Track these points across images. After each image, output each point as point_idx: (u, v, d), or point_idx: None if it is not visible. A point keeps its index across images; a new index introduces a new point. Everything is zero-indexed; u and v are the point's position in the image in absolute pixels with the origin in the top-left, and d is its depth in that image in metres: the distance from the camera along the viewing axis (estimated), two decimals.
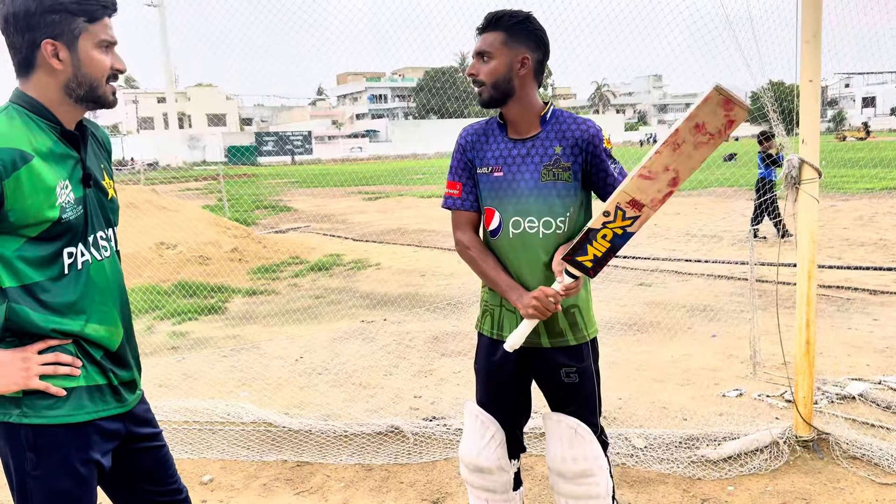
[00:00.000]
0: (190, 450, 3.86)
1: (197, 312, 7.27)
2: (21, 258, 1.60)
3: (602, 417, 2.45)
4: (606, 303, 6.86)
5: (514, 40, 2.18)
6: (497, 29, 2.19)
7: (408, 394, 4.63)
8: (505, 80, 2.19)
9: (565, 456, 2.28)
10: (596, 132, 2.23)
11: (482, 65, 2.21)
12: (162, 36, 46.93)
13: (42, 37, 1.59)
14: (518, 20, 2.18)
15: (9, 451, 1.67)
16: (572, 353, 2.29)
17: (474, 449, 2.42)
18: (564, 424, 2.28)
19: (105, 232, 1.79)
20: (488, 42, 2.19)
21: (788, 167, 3.40)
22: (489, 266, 2.28)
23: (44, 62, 1.62)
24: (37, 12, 1.58)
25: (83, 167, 1.71)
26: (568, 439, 2.28)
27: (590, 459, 2.27)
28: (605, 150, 2.24)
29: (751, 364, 4.73)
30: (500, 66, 2.18)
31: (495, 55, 2.18)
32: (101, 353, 1.74)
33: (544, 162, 2.20)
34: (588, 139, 2.21)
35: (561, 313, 2.26)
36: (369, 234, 13.50)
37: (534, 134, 2.24)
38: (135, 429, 1.86)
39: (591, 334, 2.32)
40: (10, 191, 1.54)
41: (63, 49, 1.61)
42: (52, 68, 1.62)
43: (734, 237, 10.76)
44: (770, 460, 3.40)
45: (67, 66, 1.63)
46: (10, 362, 1.61)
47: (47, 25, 1.59)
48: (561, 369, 2.27)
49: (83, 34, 1.63)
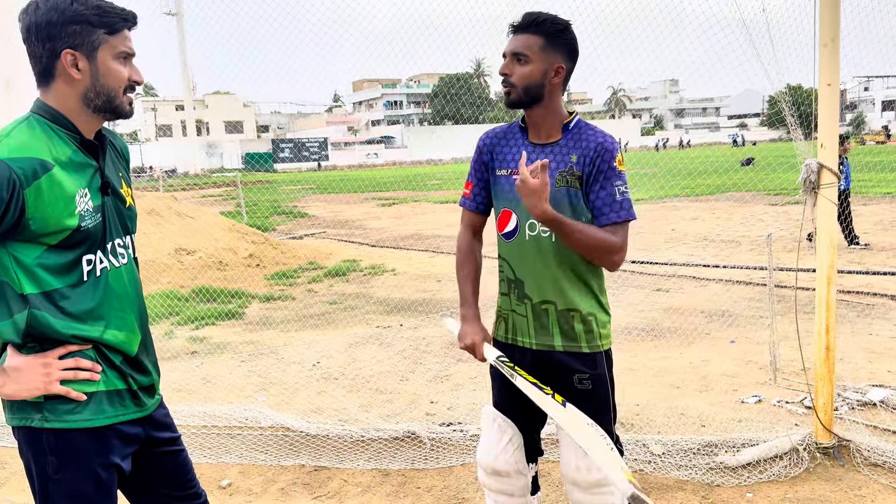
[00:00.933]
0: (209, 454, 3.90)
1: (215, 317, 7.33)
2: (41, 266, 1.63)
3: (619, 424, 2.44)
4: (623, 308, 6.83)
5: (551, 47, 2.17)
6: (537, 33, 2.16)
7: (424, 399, 4.64)
8: (537, 86, 2.18)
9: (580, 465, 2.27)
10: (611, 148, 2.19)
11: (517, 66, 2.18)
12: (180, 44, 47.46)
13: (62, 47, 1.62)
14: (559, 28, 2.17)
15: (31, 455, 1.70)
16: (585, 359, 2.28)
17: (492, 452, 2.42)
18: None
19: (123, 239, 1.81)
20: (526, 45, 2.17)
21: (807, 171, 3.38)
22: (462, 273, 2.40)
23: (63, 72, 1.65)
24: (58, 23, 1.61)
25: (102, 176, 1.74)
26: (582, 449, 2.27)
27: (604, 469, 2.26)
28: (612, 168, 2.18)
29: (770, 370, 4.69)
30: (535, 72, 2.17)
31: (532, 59, 2.16)
32: (120, 359, 1.77)
33: (560, 168, 2.20)
34: (601, 152, 2.18)
35: (578, 318, 2.25)
36: (385, 239, 13.54)
37: (554, 140, 2.24)
38: (154, 433, 1.88)
39: (604, 345, 2.31)
40: (31, 199, 1.57)
41: (82, 59, 1.64)
42: (72, 78, 1.65)
43: (752, 242, 10.67)
44: (790, 467, 3.37)
45: (86, 76, 1.66)
46: (31, 367, 1.63)
47: (68, 36, 1.62)
48: (574, 375, 2.27)
49: (103, 45, 1.65)
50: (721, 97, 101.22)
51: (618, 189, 2.18)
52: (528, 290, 2.28)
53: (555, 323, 2.26)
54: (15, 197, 1.54)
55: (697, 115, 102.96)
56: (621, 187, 2.18)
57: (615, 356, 2.44)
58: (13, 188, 1.53)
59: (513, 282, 2.32)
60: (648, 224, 13.73)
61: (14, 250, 1.61)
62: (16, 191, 1.54)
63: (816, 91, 3.34)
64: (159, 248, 9.28)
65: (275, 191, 26.42)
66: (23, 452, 1.73)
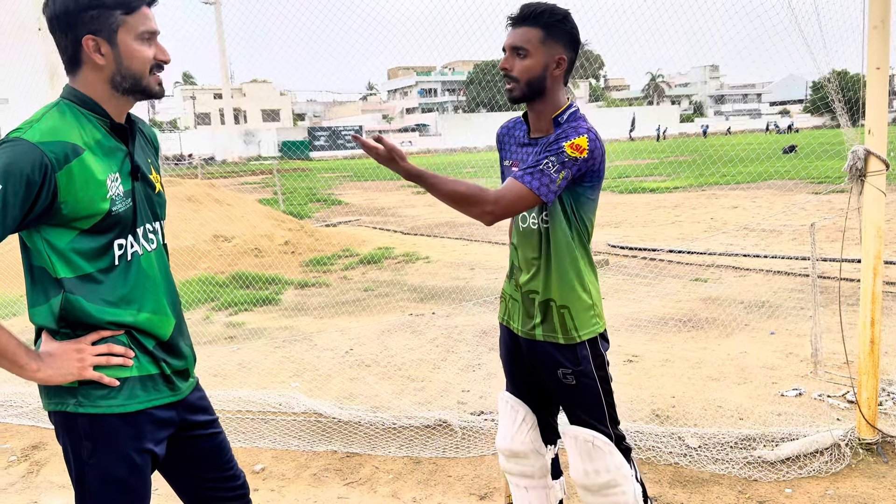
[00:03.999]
0: (243, 439, 3.95)
1: (252, 303, 7.43)
2: (74, 250, 1.64)
3: (654, 416, 2.39)
4: (660, 298, 6.73)
5: (551, 39, 2.12)
6: (535, 25, 2.11)
7: (455, 388, 4.63)
8: (539, 80, 2.14)
9: (587, 469, 2.25)
10: (571, 131, 2.07)
11: (518, 60, 2.14)
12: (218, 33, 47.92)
13: (83, 33, 1.63)
14: (557, 18, 2.12)
15: (68, 439, 1.73)
16: (565, 352, 2.23)
17: (508, 434, 2.45)
18: (581, 439, 2.26)
19: (152, 224, 1.82)
20: (525, 38, 2.12)
21: (853, 159, 3.26)
22: None
23: (88, 58, 1.65)
24: (75, 10, 1.61)
25: (132, 160, 1.75)
26: (587, 453, 2.25)
27: (612, 470, 2.23)
28: (558, 146, 2.04)
29: (811, 362, 4.57)
30: (537, 66, 2.12)
31: (532, 53, 2.12)
32: (153, 343, 1.78)
33: None
34: (559, 134, 2.09)
35: (555, 308, 2.23)
36: (419, 227, 13.55)
37: (547, 135, 2.20)
38: (189, 416, 1.89)
39: (583, 336, 2.22)
40: (63, 183, 1.58)
41: (104, 44, 1.64)
42: (96, 63, 1.65)
43: (794, 231, 10.41)
44: (831, 463, 3.28)
45: (110, 61, 1.66)
46: (65, 353, 1.65)
47: (86, 22, 1.62)
48: (558, 369, 2.25)
49: (122, 27, 1.65)
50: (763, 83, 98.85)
51: (548, 160, 2.03)
52: (521, 278, 2.30)
53: (538, 312, 2.26)
54: (47, 180, 1.55)
55: (738, 101, 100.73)
56: (552, 162, 2.02)
57: (648, 347, 2.41)
58: (45, 172, 1.55)
59: (515, 267, 2.36)
60: (687, 213, 13.50)
61: (47, 235, 1.63)
62: (48, 174, 1.55)
63: (864, 76, 3.22)
64: (198, 234, 9.43)
65: (311, 178, 26.63)
66: (59, 436, 1.76)
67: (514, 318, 2.36)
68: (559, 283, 2.22)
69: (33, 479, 3.68)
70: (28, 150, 1.54)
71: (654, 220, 12.73)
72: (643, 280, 7.65)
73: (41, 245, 1.63)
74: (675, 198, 16.11)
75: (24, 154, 1.53)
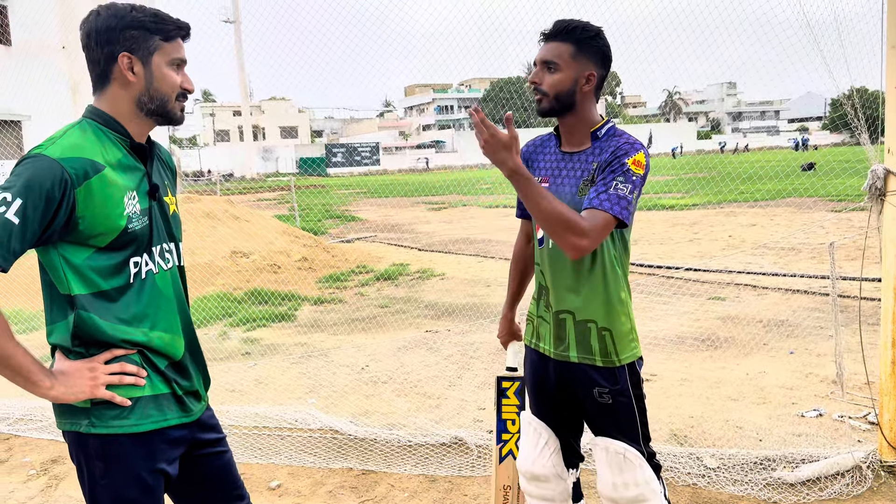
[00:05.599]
0: (259, 455, 3.96)
1: (268, 319, 7.46)
2: (91, 267, 1.66)
3: (672, 436, 2.38)
4: (678, 317, 6.68)
5: (582, 54, 2.14)
6: (567, 40, 2.14)
7: (472, 405, 4.62)
8: (568, 94, 2.15)
9: (616, 482, 2.22)
10: (629, 148, 2.09)
11: (547, 75, 2.16)
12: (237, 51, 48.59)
13: (120, 50, 1.68)
14: (590, 35, 2.14)
15: (81, 458, 1.73)
16: (603, 373, 2.21)
17: (529, 457, 2.41)
18: (612, 450, 2.23)
19: (168, 244, 1.84)
20: (556, 53, 2.15)
21: (873, 178, 3.24)
22: (510, 276, 2.54)
23: (119, 75, 1.70)
24: (117, 27, 1.67)
25: (149, 180, 1.78)
26: (617, 465, 2.22)
27: (641, 485, 2.20)
28: (620, 162, 2.06)
29: (835, 383, 4.51)
30: (566, 80, 2.14)
31: (562, 67, 2.14)
32: (165, 363, 1.79)
33: (583, 177, 2.17)
34: (616, 151, 2.09)
35: (594, 331, 2.20)
36: (435, 244, 13.58)
37: (583, 149, 2.21)
38: (200, 435, 1.90)
39: (624, 360, 2.21)
40: (82, 199, 1.60)
41: (138, 63, 1.69)
42: (127, 81, 1.70)
43: (813, 250, 10.32)
44: (852, 485, 3.23)
45: (140, 80, 1.71)
46: (77, 371, 1.66)
47: (126, 40, 1.68)
48: (594, 388, 2.22)
49: (158, 51, 1.71)
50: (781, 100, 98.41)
51: (616, 182, 2.04)
52: (552, 299, 2.26)
53: (571, 333, 2.22)
54: (66, 196, 1.58)
55: (756, 118, 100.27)
56: (621, 183, 2.04)
57: (665, 367, 2.39)
58: (65, 187, 1.57)
59: (543, 288, 2.32)
60: (705, 230, 13.42)
61: (64, 251, 1.65)
62: (67, 190, 1.58)
63: (883, 94, 3.20)
64: (215, 250, 9.51)
65: (327, 195, 26.80)
66: (73, 455, 1.77)
67: (544, 340, 2.32)
68: (604, 305, 2.20)
69: (52, 493, 3.71)
70: (49, 166, 1.57)
71: (671, 238, 12.66)
72: (660, 298, 7.61)
73: (58, 261, 1.65)
74: (693, 215, 16.03)
75: (45, 170, 1.56)
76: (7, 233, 1.51)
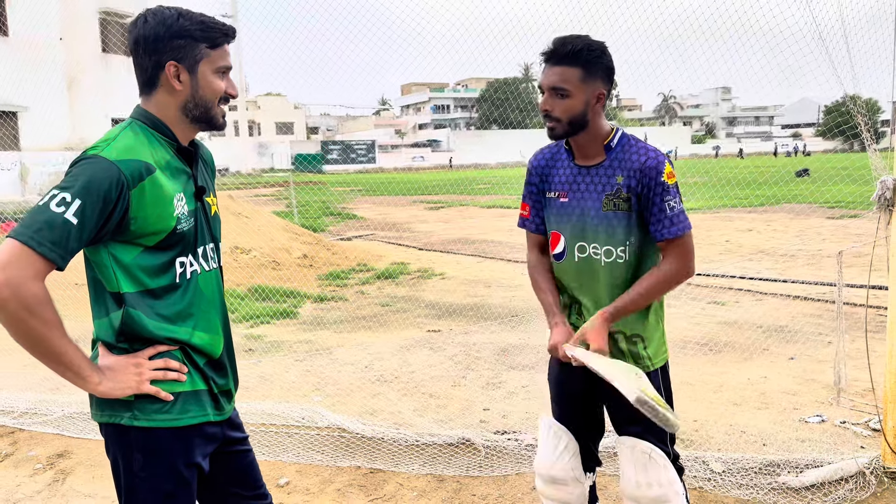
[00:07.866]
0: (267, 452, 3.98)
1: (271, 316, 7.47)
2: (139, 266, 1.70)
3: (678, 440, 2.41)
4: (680, 320, 6.73)
5: (591, 76, 2.14)
6: (574, 64, 2.11)
7: (477, 406, 4.65)
8: (581, 116, 2.16)
9: (640, 481, 2.25)
10: (657, 164, 2.15)
11: (558, 101, 2.14)
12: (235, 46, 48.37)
13: (167, 59, 1.70)
14: (596, 55, 2.13)
15: (119, 451, 1.76)
16: None
17: (548, 460, 2.44)
18: (639, 449, 2.26)
19: (210, 245, 1.88)
20: (565, 78, 2.12)
21: (882, 188, 3.29)
22: (539, 287, 2.40)
23: (166, 82, 1.73)
24: (164, 37, 1.69)
25: (195, 182, 1.81)
26: (642, 464, 2.25)
27: (664, 485, 2.23)
28: (663, 185, 2.14)
29: (834, 389, 4.57)
30: (578, 105, 2.14)
31: (573, 93, 2.12)
32: (203, 361, 1.83)
33: (606, 191, 2.20)
34: (647, 171, 2.14)
35: (625, 338, 2.26)
36: (433, 243, 13.60)
37: (599, 161, 2.23)
38: (230, 432, 1.94)
39: (655, 364, 2.28)
40: (135, 200, 1.64)
41: (184, 72, 1.72)
42: (173, 88, 1.73)
43: (810, 256, 10.39)
44: (856, 491, 3.28)
45: (186, 88, 1.74)
46: (124, 367, 1.70)
47: (173, 49, 1.70)
48: None
49: (204, 59, 1.74)
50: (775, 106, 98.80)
51: (668, 204, 2.15)
52: (584, 309, 2.30)
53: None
54: (122, 197, 1.61)
55: (750, 123, 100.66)
56: (671, 201, 2.15)
57: (672, 369, 2.42)
58: (121, 189, 1.60)
59: (571, 299, 2.35)
60: (702, 234, 13.49)
61: (114, 250, 1.68)
62: (123, 191, 1.61)
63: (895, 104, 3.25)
64: None
65: (324, 192, 26.77)
66: (109, 448, 1.79)
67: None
68: (641, 315, 2.25)
69: (59, 487, 3.72)
70: (107, 168, 1.60)
71: None
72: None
73: (107, 260, 1.68)
74: (691, 219, 16.06)
75: (103, 171, 1.59)
76: (66, 233, 1.53)
